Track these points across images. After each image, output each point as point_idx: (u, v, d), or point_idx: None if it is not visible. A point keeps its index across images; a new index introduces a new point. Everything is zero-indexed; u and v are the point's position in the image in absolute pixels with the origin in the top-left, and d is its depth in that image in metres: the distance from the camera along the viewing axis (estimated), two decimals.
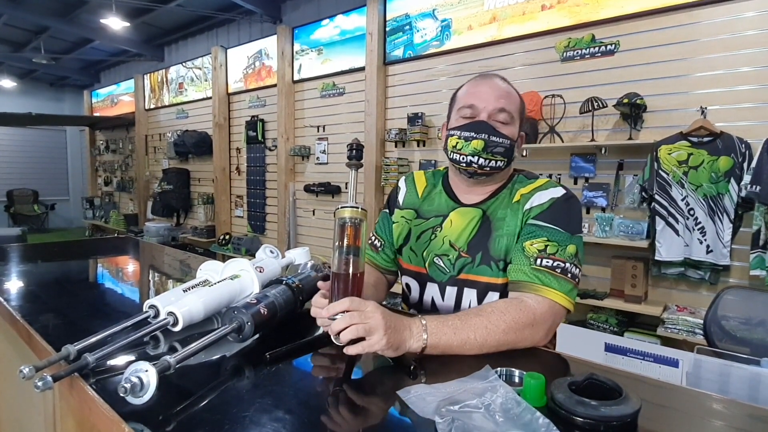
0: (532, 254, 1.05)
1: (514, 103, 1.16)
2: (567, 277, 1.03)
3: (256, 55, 5.86)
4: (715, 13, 2.80)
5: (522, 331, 0.95)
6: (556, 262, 1.03)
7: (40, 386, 0.67)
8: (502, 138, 1.12)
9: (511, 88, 1.18)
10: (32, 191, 10.47)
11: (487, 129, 1.12)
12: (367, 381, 0.85)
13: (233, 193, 6.44)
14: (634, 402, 0.64)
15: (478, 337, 0.90)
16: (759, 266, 2.57)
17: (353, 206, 0.90)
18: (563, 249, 1.05)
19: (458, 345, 0.89)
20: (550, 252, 1.04)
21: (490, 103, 1.13)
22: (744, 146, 2.61)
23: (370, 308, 0.84)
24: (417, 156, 4.27)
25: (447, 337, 0.89)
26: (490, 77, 1.18)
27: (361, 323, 0.82)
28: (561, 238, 1.06)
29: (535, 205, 1.11)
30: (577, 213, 1.13)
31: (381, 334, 0.81)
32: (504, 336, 0.93)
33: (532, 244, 1.06)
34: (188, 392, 0.74)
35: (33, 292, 1.37)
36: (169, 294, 1.00)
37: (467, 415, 0.62)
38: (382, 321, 0.82)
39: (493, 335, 0.92)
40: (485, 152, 1.12)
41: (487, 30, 3.73)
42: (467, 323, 0.91)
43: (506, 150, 1.13)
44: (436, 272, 1.19)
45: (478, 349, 0.91)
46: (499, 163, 1.14)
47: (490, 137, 1.11)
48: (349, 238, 0.89)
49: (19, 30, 7.33)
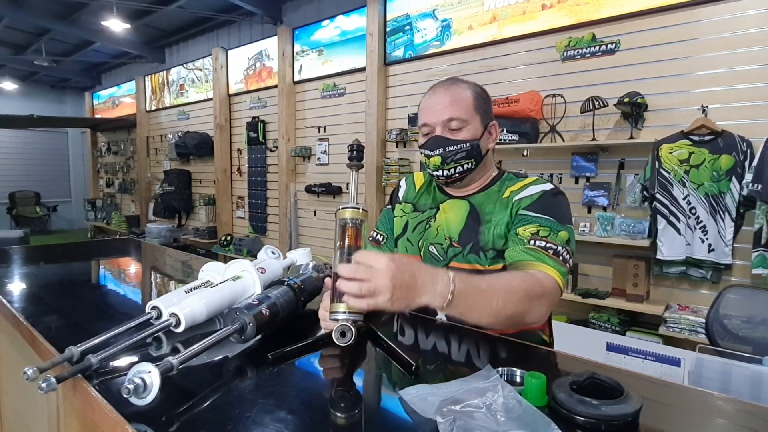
0: (526, 237, 1.09)
1: (464, 106, 1.18)
2: (559, 260, 1.05)
3: (257, 56, 5.87)
4: (716, 12, 2.80)
5: (535, 301, 0.98)
6: (548, 244, 1.07)
7: (44, 387, 0.67)
8: (457, 144, 1.17)
9: (461, 88, 1.20)
10: (34, 193, 10.49)
11: (441, 143, 1.18)
12: (368, 381, 0.85)
13: (234, 194, 6.45)
14: (636, 401, 0.64)
15: (499, 302, 0.92)
16: (761, 265, 2.56)
17: (354, 207, 0.90)
18: (555, 234, 1.09)
19: (479, 307, 0.91)
20: (542, 235, 1.08)
21: (438, 116, 1.18)
22: (745, 145, 2.61)
23: (379, 265, 0.80)
24: (418, 156, 4.27)
25: (472, 298, 0.89)
26: (436, 88, 1.23)
27: (366, 281, 0.79)
28: (552, 224, 1.10)
29: (525, 197, 1.15)
30: (566, 206, 1.17)
31: (386, 295, 0.79)
32: (521, 304, 0.95)
33: (525, 229, 1.10)
34: (191, 393, 0.75)
35: (36, 294, 1.37)
36: (171, 295, 1.00)
37: (469, 415, 0.62)
38: (389, 282, 0.78)
39: (512, 301, 0.94)
40: (446, 164, 1.18)
41: (488, 30, 3.73)
42: (493, 287, 0.93)
43: (468, 152, 1.18)
44: (430, 260, 1.24)
45: (495, 313, 0.92)
46: (467, 166, 1.19)
47: (447, 148, 1.17)
48: (350, 239, 0.89)
49: (21, 32, 7.35)
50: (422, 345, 1.00)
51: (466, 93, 1.20)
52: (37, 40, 7.48)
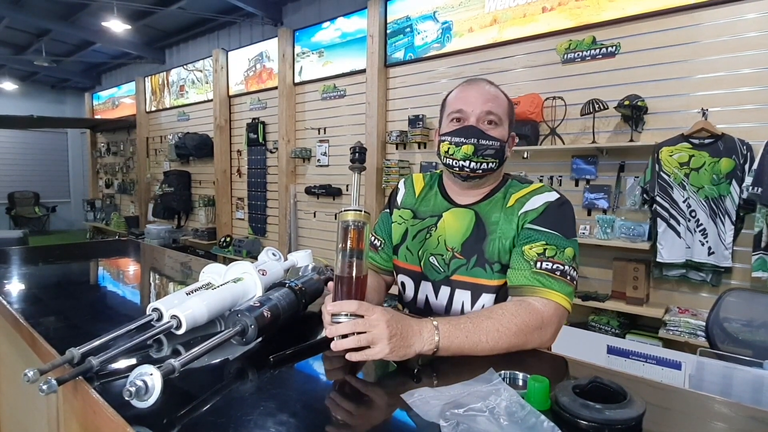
0: (532, 258, 1.06)
1: (502, 106, 1.18)
2: (566, 280, 1.05)
3: (257, 57, 5.87)
4: (716, 15, 2.80)
5: (531, 333, 0.97)
6: (555, 264, 1.05)
7: (44, 390, 0.67)
8: (491, 140, 1.14)
9: (499, 91, 1.20)
10: (33, 193, 10.49)
11: (476, 133, 1.14)
12: (371, 384, 0.85)
13: (234, 195, 6.44)
14: (639, 405, 0.64)
15: (489, 340, 0.92)
16: (761, 268, 2.56)
17: (356, 209, 0.90)
18: (561, 252, 1.07)
19: (469, 348, 0.90)
20: (549, 255, 1.06)
21: (478, 107, 1.15)
22: (745, 148, 2.61)
23: (375, 315, 0.84)
24: (418, 158, 4.27)
25: (459, 340, 0.90)
26: (477, 82, 1.21)
27: (365, 332, 0.83)
28: (558, 241, 1.08)
29: (530, 210, 1.13)
30: (571, 217, 1.15)
31: (384, 344, 0.82)
32: (514, 338, 0.94)
33: (531, 248, 1.08)
34: (192, 395, 0.74)
35: (36, 295, 1.37)
36: (172, 297, 1.00)
37: (472, 419, 0.62)
38: (387, 330, 0.82)
39: (504, 338, 0.93)
40: (476, 156, 1.14)
41: (488, 32, 3.74)
42: (479, 326, 0.92)
43: (496, 152, 1.15)
44: (430, 271, 1.21)
45: (488, 351, 0.92)
46: (491, 165, 1.16)
47: (480, 141, 1.14)
48: (352, 241, 0.89)
49: (21, 33, 7.35)
50: None
51: (503, 96, 1.20)
52: (37, 40, 7.48)
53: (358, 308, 0.85)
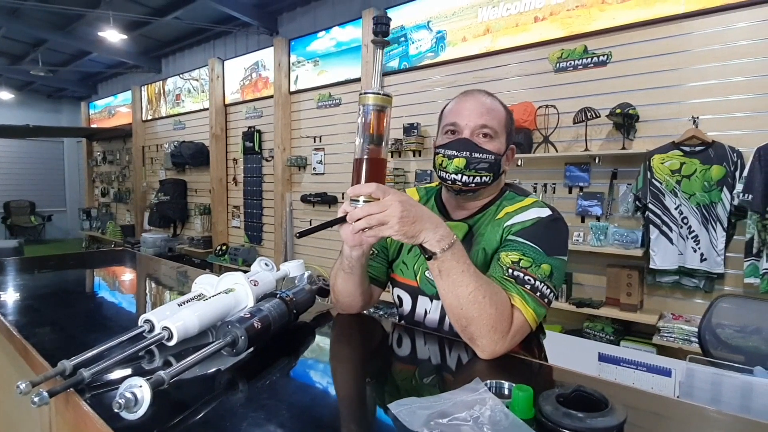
0: (506, 264, 1.03)
1: (498, 118, 1.16)
2: (535, 295, 1.00)
3: (253, 66, 5.90)
4: (706, 24, 2.84)
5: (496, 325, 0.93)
6: (527, 276, 1.01)
7: (36, 402, 0.68)
8: (485, 153, 1.12)
9: (497, 103, 1.18)
10: (29, 202, 10.48)
11: (469, 146, 1.12)
12: (358, 394, 0.86)
13: (230, 204, 6.45)
14: (620, 413, 0.65)
15: (470, 293, 0.92)
16: (753, 274, 2.58)
17: (376, 92, 0.89)
18: (537, 266, 1.02)
19: (454, 281, 0.93)
20: (522, 266, 1.02)
21: (473, 120, 1.13)
22: (736, 155, 2.64)
23: (389, 197, 0.88)
24: (413, 166, 4.29)
25: (459, 266, 0.93)
26: (474, 94, 1.19)
27: (377, 213, 0.86)
28: (536, 255, 1.04)
29: (517, 222, 1.10)
30: (561, 235, 1.11)
31: (393, 223, 0.87)
32: (484, 313, 0.92)
33: (507, 255, 1.05)
34: (183, 406, 0.75)
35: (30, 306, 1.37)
36: (164, 308, 1.00)
37: (456, 428, 0.63)
38: (398, 212, 0.86)
39: (480, 305, 0.92)
40: (468, 169, 1.12)
41: (481, 41, 3.77)
42: (478, 278, 0.94)
43: (490, 165, 1.13)
44: (426, 285, 1.19)
45: (463, 302, 0.93)
46: (485, 179, 1.14)
47: (473, 154, 1.12)
48: (372, 125, 0.89)
49: (18, 42, 7.37)
50: (416, 355, 1.02)
51: (500, 108, 1.18)
52: (33, 50, 7.51)
53: (375, 191, 0.88)
